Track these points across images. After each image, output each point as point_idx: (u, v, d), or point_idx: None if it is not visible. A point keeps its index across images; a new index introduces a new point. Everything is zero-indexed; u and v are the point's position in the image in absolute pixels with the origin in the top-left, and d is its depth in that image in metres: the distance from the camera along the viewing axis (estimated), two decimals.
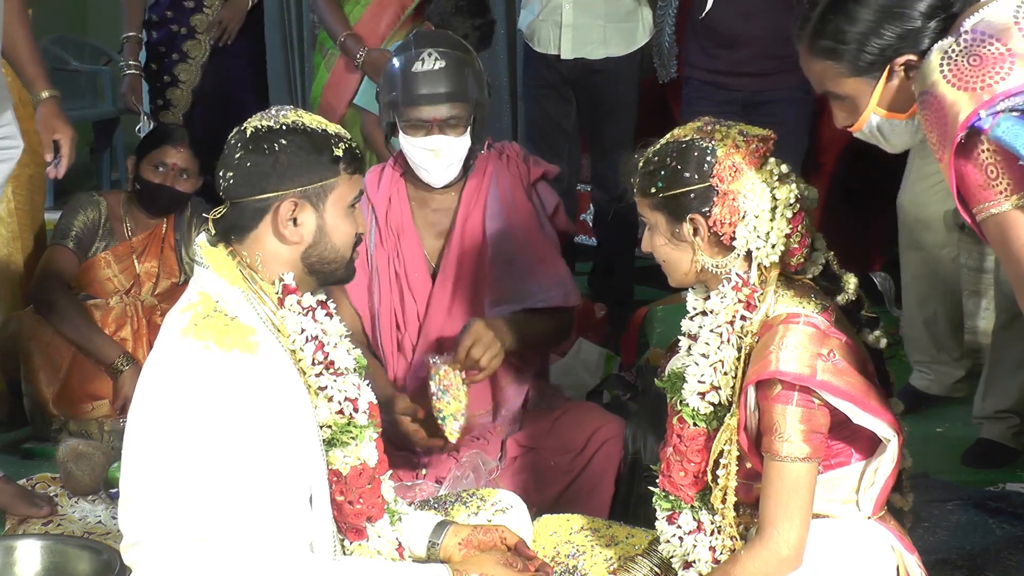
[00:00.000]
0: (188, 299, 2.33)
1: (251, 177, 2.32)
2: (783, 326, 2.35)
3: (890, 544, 2.45)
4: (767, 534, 2.34)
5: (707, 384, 2.42)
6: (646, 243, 2.53)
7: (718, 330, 2.41)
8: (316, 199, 2.34)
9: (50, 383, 4.13)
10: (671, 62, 5.46)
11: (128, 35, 5.04)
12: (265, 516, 2.23)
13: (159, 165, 4.25)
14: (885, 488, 2.44)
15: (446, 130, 3.28)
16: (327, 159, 2.33)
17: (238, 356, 2.23)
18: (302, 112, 2.39)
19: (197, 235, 2.42)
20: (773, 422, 2.33)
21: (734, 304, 2.40)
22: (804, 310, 2.38)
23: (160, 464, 2.24)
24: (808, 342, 2.33)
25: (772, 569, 2.35)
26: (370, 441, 2.41)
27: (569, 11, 4.80)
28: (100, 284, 4.31)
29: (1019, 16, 2.06)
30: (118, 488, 3.54)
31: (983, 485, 3.78)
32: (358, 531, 2.42)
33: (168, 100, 5.06)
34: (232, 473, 2.21)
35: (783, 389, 2.32)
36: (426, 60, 3.27)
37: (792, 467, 2.33)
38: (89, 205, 4.30)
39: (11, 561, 2.86)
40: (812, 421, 2.33)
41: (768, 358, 2.32)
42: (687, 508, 2.47)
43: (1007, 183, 2.03)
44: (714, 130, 2.43)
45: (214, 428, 2.21)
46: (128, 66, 5.03)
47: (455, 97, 3.27)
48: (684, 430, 2.45)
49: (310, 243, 2.35)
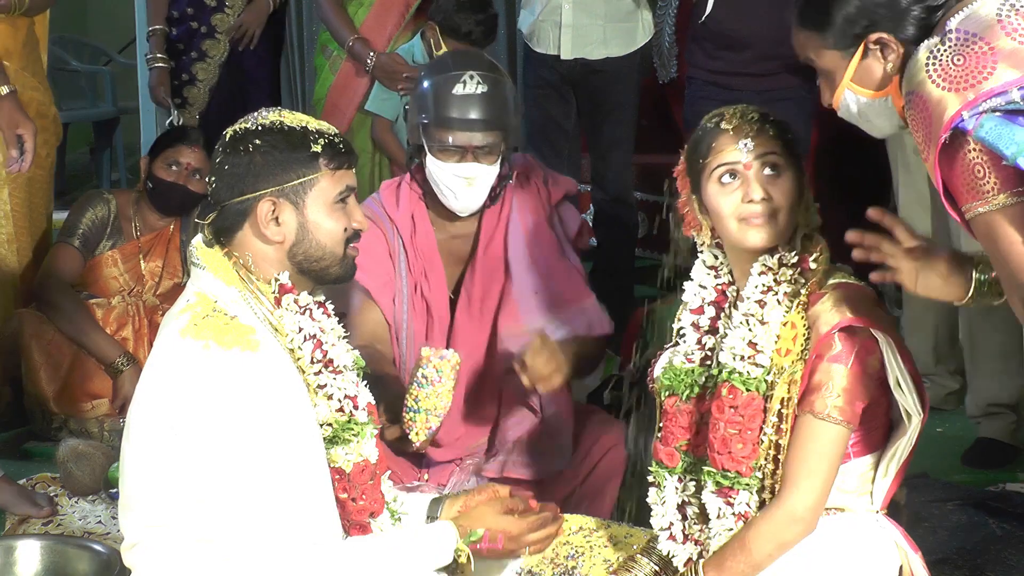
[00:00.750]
0: (186, 300, 2.33)
1: (229, 179, 2.33)
2: (837, 291, 2.37)
3: (895, 541, 2.45)
4: (785, 493, 2.35)
5: (755, 348, 2.40)
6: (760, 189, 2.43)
7: (770, 288, 2.41)
8: (295, 196, 2.33)
9: (51, 381, 4.13)
10: (671, 62, 5.46)
11: (154, 28, 5.00)
12: (268, 516, 2.23)
13: (173, 164, 4.25)
14: (897, 478, 2.45)
15: (480, 157, 3.14)
16: (304, 156, 2.33)
17: (239, 354, 2.23)
18: (286, 112, 2.39)
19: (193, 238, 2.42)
20: (822, 380, 2.33)
21: (789, 266, 2.41)
22: (852, 281, 2.41)
23: (161, 465, 2.23)
24: (867, 301, 2.37)
25: (784, 528, 2.36)
26: (371, 438, 2.41)
27: (569, 11, 4.80)
28: (104, 282, 4.31)
29: (1002, 14, 2.06)
30: (118, 488, 3.58)
31: (983, 485, 3.78)
32: (362, 527, 2.42)
33: (185, 98, 5.03)
34: (235, 472, 2.21)
35: (842, 350, 2.33)
36: (467, 83, 3.12)
37: (828, 427, 2.33)
38: (99, 202, 4.30)
39: (11, 561, 2.86)
40: (858, 387, 2.34)
41: (827, 317, 2.34)
42: (745, 486, 2.40)
43: (994, 182, 2.03)
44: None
45: (217, 427, 2.20)
46: (156, 59, 4.98)
47: (494, 125, 3.13)
48: (737, 399, 2.40)
49: (293, 241, 2.34)
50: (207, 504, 2.21)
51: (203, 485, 2.21)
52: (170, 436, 2.22)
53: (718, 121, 2.46)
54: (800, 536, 2.37)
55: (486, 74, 3.16)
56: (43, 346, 4.14)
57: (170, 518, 2.22)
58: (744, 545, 2.38)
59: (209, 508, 2.21)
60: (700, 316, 2.53)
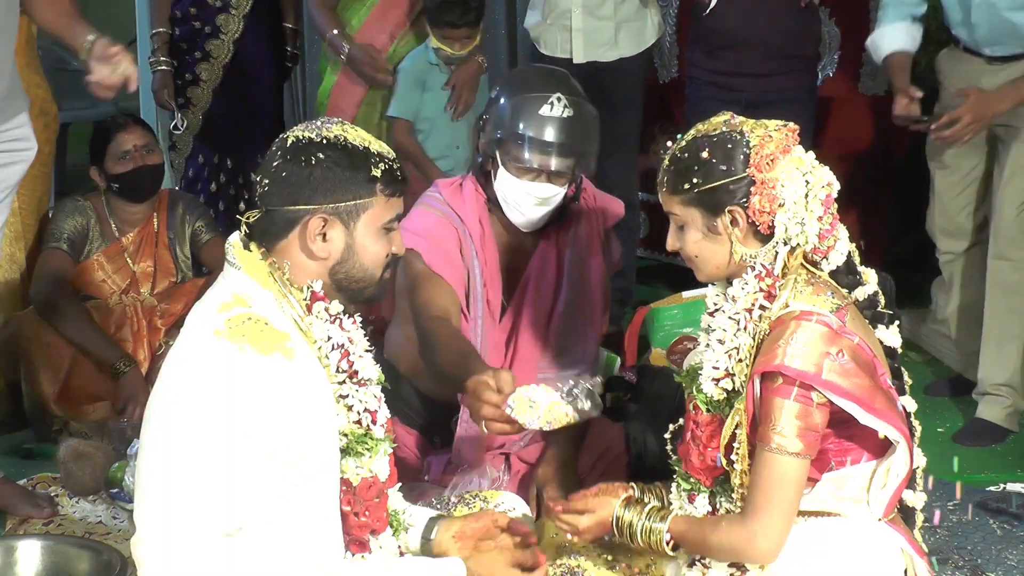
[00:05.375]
0: (220, 299, 2.30)
1: (284, 187, 2.32)
2: (795, 322, 2.35)
3: (900, 546, 2.45)
4: (750, 520, 2.36)
5: (721, 371, 2.42)
6: (673, 241, 2.51)
7: (736, 317, 2.41)
8: (348, 217, 2.32)
9: (51, 383, 4.12)
10: (671, 62, 5.46)
11: (157, 31, 4.99)
12: (281, 521, 2.22)
13: (122, 155, 4.24)
14: (897, 491, 2.45)
15: (555, 179, 3.15)
16: (363, 178, 2.32)
17: (277, 360, 2.22)
18: (348, 127, 2.37)
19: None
20: (770, 413, 2.34)
21: (755, 292, 2.40)
22: (818, 309, 2.38)
23: (182, 460, 2.21)
24: (818, 340, 2.34)
25: (742, 552, 2.38)
26: (384, 455, 2.39)
27: (579, 16, 4.74)
28: (96, 286, 4.31)
29: None
30: (118, 488, 3.59)
31: (983, 485, 3.79)
32: (361, 543, 2.40)
33: (188, 99, 5.02)
34: (256, 475, 2.19)
35: (784, 383, 2.33)
36: (555, 105, 3.12)
37: (781, 460, 2.34)
38: (76, 211, 4.29)
39: (11, 561, 2.86)
40: (808, 419, 2.33)
41: (775, 351, 2.33)
42: (705, 491, 2.47)
43: None
44: (741, 122, 2.44)
45: (244, 430, 2.19)
46: (159, 62, 4.97)
47: (575, 151, 3.14)
48: (699, 416, 2.46)
49: (337, 260, 2.34)
50: (224, 503, 2.20)
51: (223, 484, 2.19)
52: (195, 433, 2.21)
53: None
54: (758, 559, 2.39)
55: (573, 98, 3.16)
56: (42, 348, 4.13)
57: (185, 514, 2.21)
58: (704, 539, 2.42)
59: (225, 507, 2.20)
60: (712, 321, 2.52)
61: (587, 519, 2.55)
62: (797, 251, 2.43)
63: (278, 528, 2.21)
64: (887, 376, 2.45)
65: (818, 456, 2.40)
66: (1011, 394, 4.09)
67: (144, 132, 4.31)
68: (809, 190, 2.39)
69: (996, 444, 4.06)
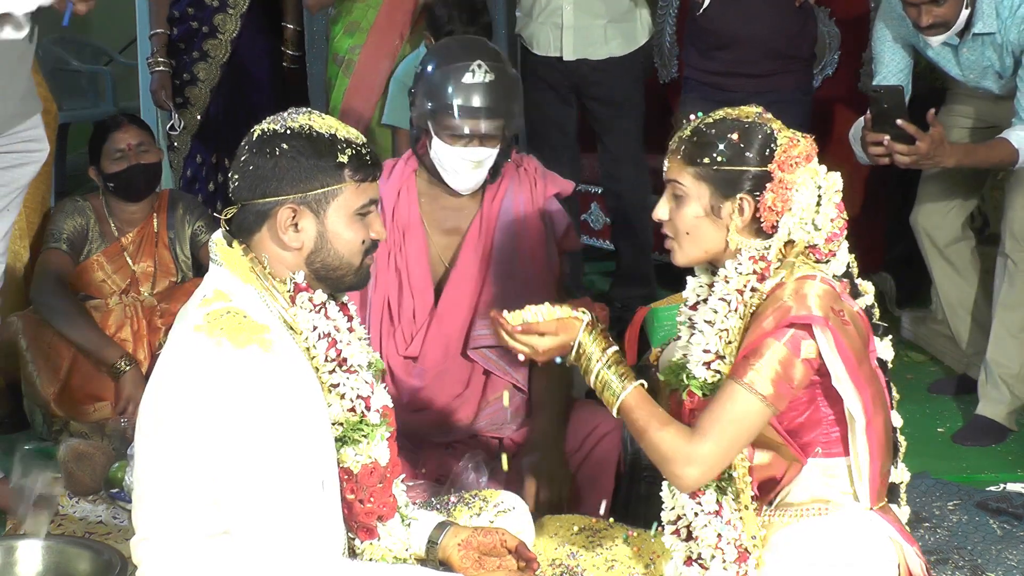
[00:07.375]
0: (203, 295, 2.32)
1: (253, 180, 2.32)
2: (798, 281, 2.35)
3: (889, 536, 2.44)
4: (695, 440, 2.32)
5: (712, 353, 2.40)
6: (662, 211, 2.48)
7: (727, 297, 2.39)
8: (317, 205, 2.32)
9: (51, 384, 4.13)
10: (672, 62, 5.46)
11: (156, 32, 5.01)
12: (278, 514, 2.23)
13: (117, 153, 4.25)
14: (874, 479, 2.43)
15: (486, 142, 3.27)
16: (330, 165, 2.32)
17: (252, 352, 2.22)
18: (316, 115, 2.37)
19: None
20: (755, 350, 2.32)
21: (748, 274, 2.39)
22: (821, 272, 2.39)
23: (172, 460, 2.23)
24: (825, 295, 2.34)
25: (670, 464, 2.33)
26: (382, 440, 2.40)
27: (570, 13, 4.78)
28: (96, 286, 4.31)
29: None
30: (119, 488, 3.59)
31: (983, 485, 3.79)
32: (368, 530, 2.41)
33: (187, 98, 5.03)
34: (244, 470, 2.20)
35: (779, 326, 2.32)
36: (476, 72, 3.25)
37: (746, 396, 2.31)
38: (75, 211, 4.29)
39: (11, 561, 2.86)
40: (789, 368, 2.32)
41: (787, 305, 2.32)
42: (712, 487, 2.40)
43: None
44: (771, 119, 2.44)
45: (226, 425, 2.20)
46: (157, 63, 4.99)
47: (501, 112, 3.27)
48: (695, 403, 2.41)
49: (312, 249, 2.34)
50: (216, 501, 2.21)
51: (213, 482, 2.20)
52: (181, 431, 2.22)
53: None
54: (679, 482, 2.34)
55: (493, 63, 3.28)
56: (42, 349, 4.13)
57: (180, 514, 2.23)
58: (646, 429, 2.35)
59: (218, 505, 2.21)
60: (695, 312, 2.51)
61: (548, 341, 2.44)
62: (796, 245, 2.42)
63: (269, 523, 2.21)
64: (875, 356, 2.45)
65: (804, 441, 2.40)
66: (1014, 385, 4.07)
67: (139, 131, 4.32)
68: (823, 193, 2.40)
69: (996, 443, 4.06)
